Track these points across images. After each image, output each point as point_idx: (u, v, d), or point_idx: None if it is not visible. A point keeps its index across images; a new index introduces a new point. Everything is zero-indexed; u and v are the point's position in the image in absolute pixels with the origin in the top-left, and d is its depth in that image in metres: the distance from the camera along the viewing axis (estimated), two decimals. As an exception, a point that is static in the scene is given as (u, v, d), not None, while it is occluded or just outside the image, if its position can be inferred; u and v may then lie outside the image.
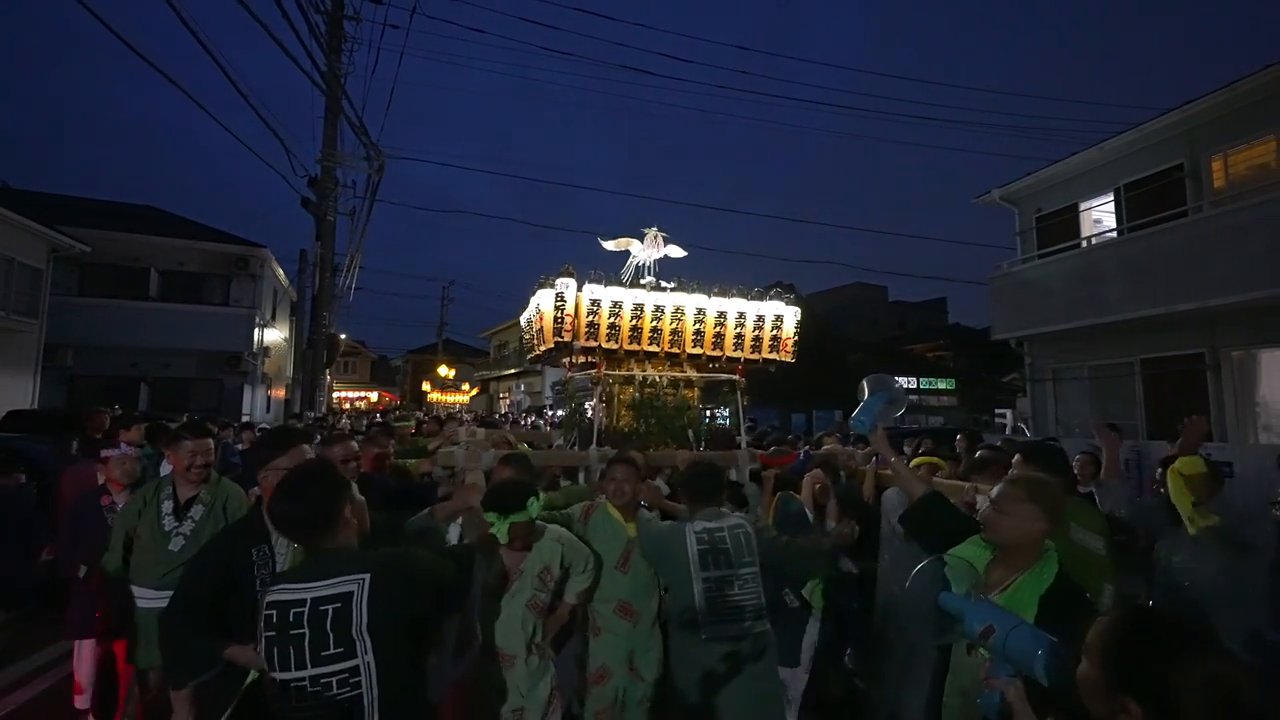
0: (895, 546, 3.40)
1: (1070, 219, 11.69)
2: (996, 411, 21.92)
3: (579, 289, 4.16)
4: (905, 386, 26.33)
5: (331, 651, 1.55)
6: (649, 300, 4.30)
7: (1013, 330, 12.17)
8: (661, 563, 2.78)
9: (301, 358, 12.87)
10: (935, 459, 4.13)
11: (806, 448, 4.98)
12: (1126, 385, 10.61)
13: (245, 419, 15.06)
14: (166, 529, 2.84)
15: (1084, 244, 11.19)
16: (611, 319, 4.17)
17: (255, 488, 2.85)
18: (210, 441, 3.00)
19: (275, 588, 1.65)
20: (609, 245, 4.70)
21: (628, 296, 4.24)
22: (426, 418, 9.75)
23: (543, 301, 4.28)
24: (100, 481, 3.70)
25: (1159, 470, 3.63)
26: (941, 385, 25.54)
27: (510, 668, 2.48)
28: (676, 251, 4.79)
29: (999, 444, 5.49)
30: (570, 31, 13.74)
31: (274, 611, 1.58)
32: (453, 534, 2.64)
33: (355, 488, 1.87)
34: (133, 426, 5.74)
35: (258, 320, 17.70)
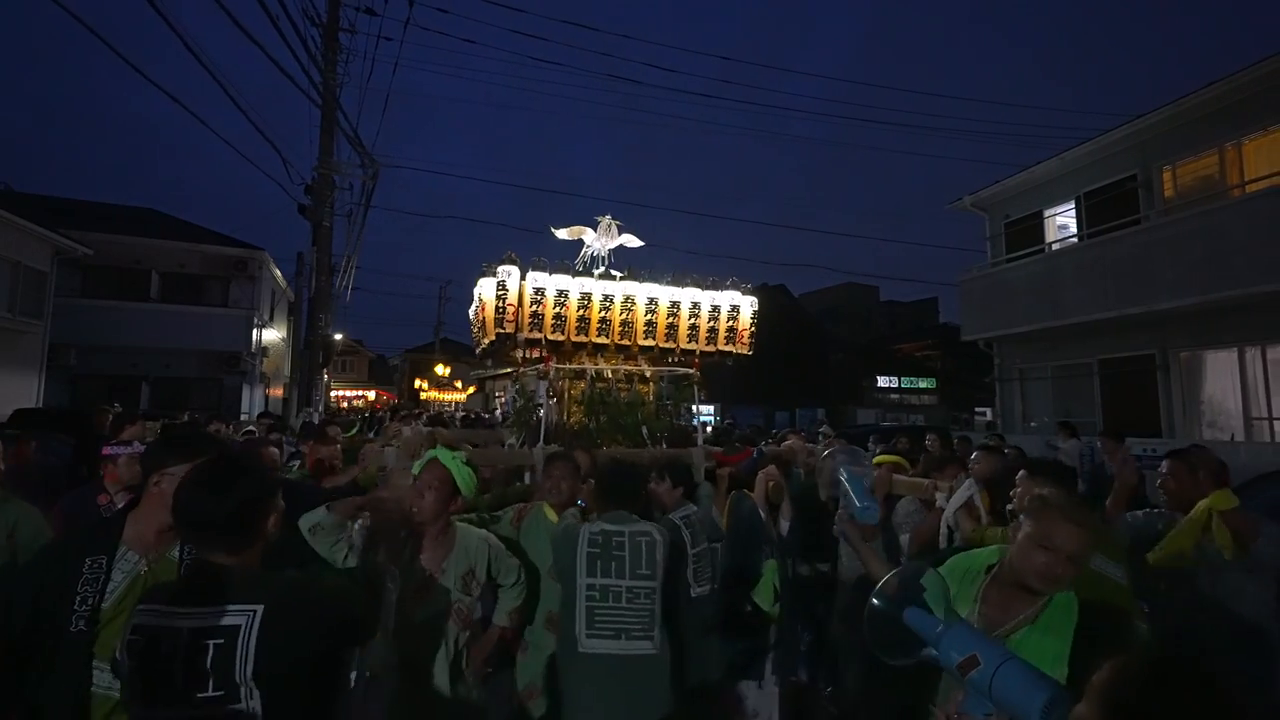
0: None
1: (1036, 225, 12.21)
2: (976, 410, 22.46)
3: (522, 277, 3.92)
4: (888, 385, 26.89)
5: (210, 694, 1.30)
6: (597, 289, 4.07)
7: (981, 331, 12.67)
8: (557, 562, 2.52)
9: (299, 358, 13.32)
10: (898, 458, 3.98)
11: (763, 443, 4.92)
12: (1086, 384, 11.13)
13: (245, 416, 15.52)
14: None
15: (1047, 249, 11.72)
16: (557, 309, 3.93)
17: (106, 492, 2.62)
18: None
19: (145, 606, 1.38)
20: (561, 233, 4.54)
21: (574, 285, 4.00)
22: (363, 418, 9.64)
23: (485, 290, 4.02)
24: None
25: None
26: (923, 384, 26.09)
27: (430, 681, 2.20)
28: (632, 241, 4.66)
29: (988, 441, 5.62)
30: (559, 43, 14.20)
31: (139, 637, 1.32)
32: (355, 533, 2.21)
33: (279, 497, 1.61)
34: (136, 423, 6.04)
35: (256, 321, 18.13)
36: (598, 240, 4.46)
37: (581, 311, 4.00)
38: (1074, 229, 11.64)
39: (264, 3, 8.71)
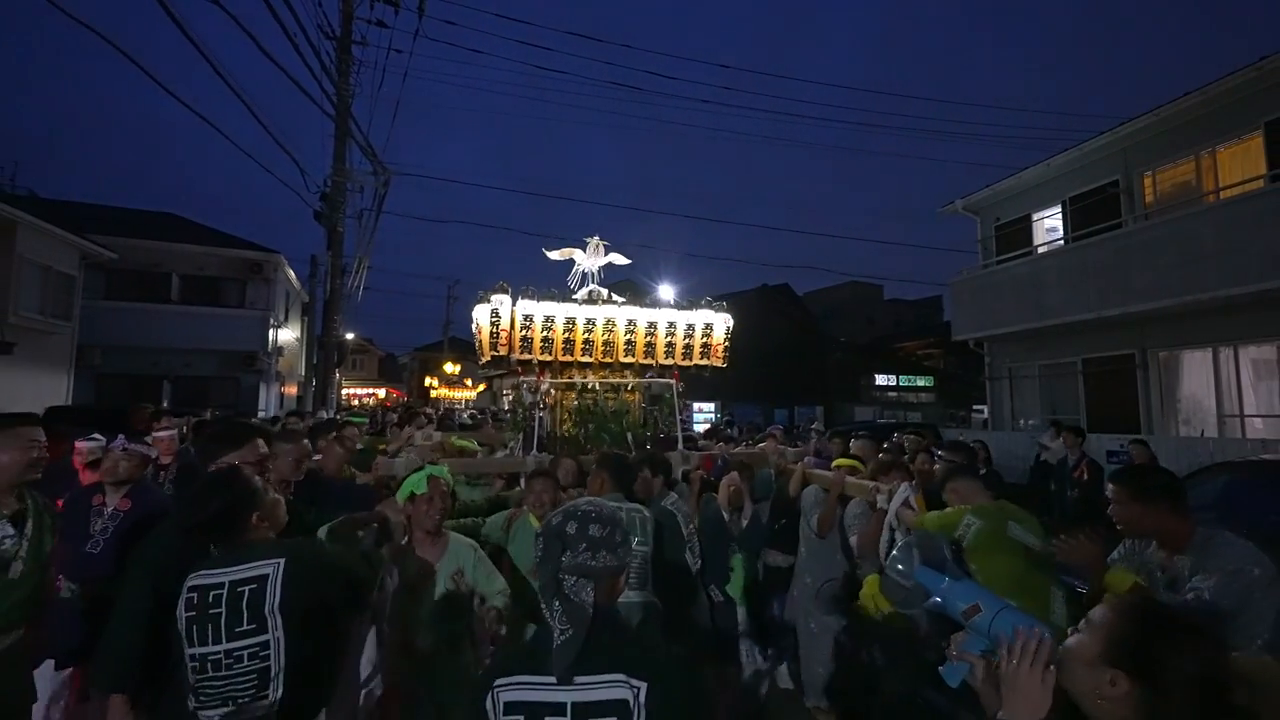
0: (811, 541, 3.94)
1: (1024, 228, 12.57)
2: (974, 408, 22.79)
3: (513, 304, 4.26)
4: (886, 383, 27.18)
5: (245, 628, 1.72)
6: (580, 314, 4.42)
7: (972, 331, 13.05)
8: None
9: (312, 356, 13.89)
10: (854, 461, 4.21)
11: (723, 456, 5.45)
12: (1070, 382, 11.51)
13: (262, 413, 16.13)
14: (5, 550, 2.24)
15: (1033, 252, 12.09)
16: (545, 333, 4.29)
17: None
18: (42, 430, 2.43)
19: (196, 574, 1.79)
20: (553, 255, 4.85)
21: (560, 311, 4.34)
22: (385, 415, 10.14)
23: (480, 317, 4.35)
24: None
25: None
26: (921, 383, 26.41)
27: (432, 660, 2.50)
28: (619, 259, 4.98)
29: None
30: (564, 52, 14.68)
31: (194, 594, 1.75)
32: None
33: (267, 492, 1.98)
34: (162, 418, 6.43)
35: (272, 321, 18.73)
36: (587, 260, 4.81)
37: (567, 334, 4.39)
38: (1061, 232, 12.00)
39: (281, 21, 9.26)
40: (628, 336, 4.58)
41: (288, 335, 21.28)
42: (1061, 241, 11.73)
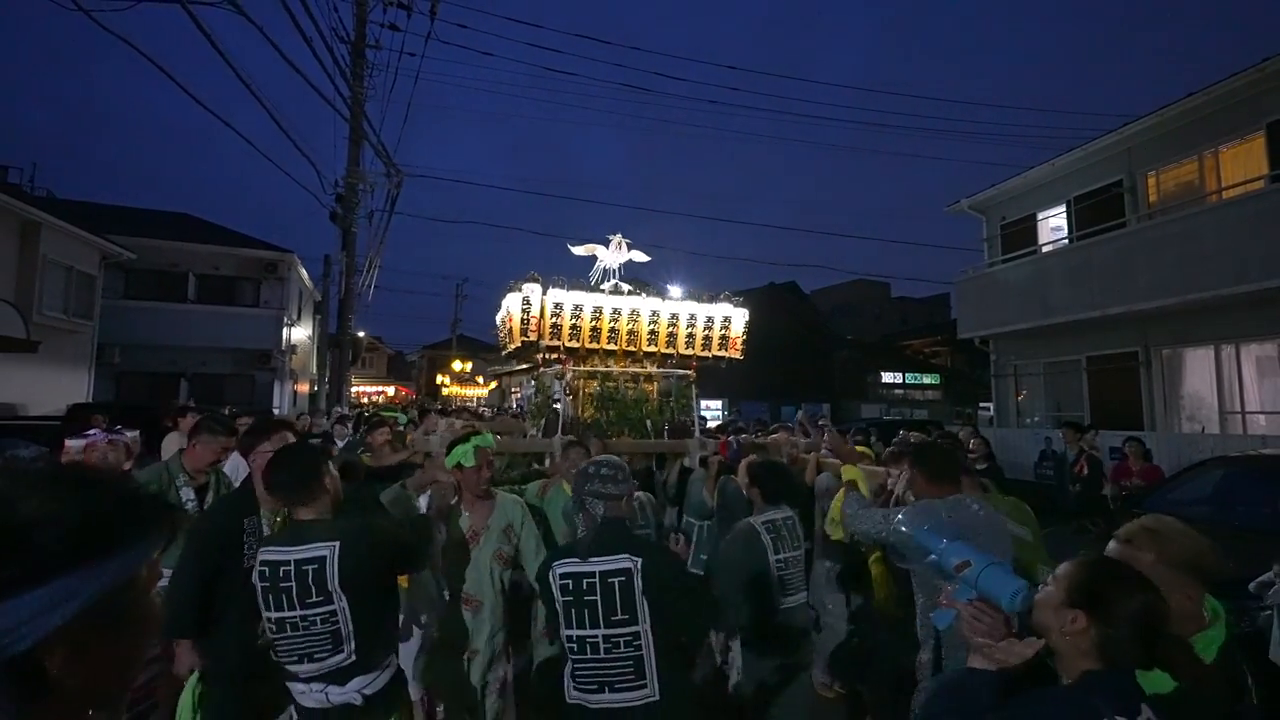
0: (823, 528, 4.11)
1: (1030, 227, 12.68)
2: (981, 405, 22.88)
3: (544, 293, 4.52)
4: (893, 381, 27.29)
5: (314, 599, 1.98)
6: (607, 303, 4.66)
7: (978, 329, 13.18)
8: (748, 566, 2.96)
9: (325, 355, 14.13)
10: (864, 448, 4.35)
11: (736, 439, 5.71)
12: (1075, 380, 11.63)
13: (276, 409, 16.41)
14: (190, 514, 3.01)
15: (1038, 251, 12.21)
16: (573, 320, 4.56)
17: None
18: (235, 442, 3.20)
19: (265, 549, 2.05)
20: (577, 250, 5.08)
21: (588, 300, 4.59)
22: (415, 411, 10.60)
23: (511, 304, 4.61)
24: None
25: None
26: (927, 380, 26.49)
27: (478, 613, 2.76)
28: (640, 256, 5.20)
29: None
30: (574, 54, 14.85)
31: (266, 568, 2.01)
32: (422, 503, 2.90)
33: (332, 466, 2.28)
34: (186, 415, 6.70)
35: (286, 320, 19.02)
36: (610, 255, 5.02)
37: (594, 323, 4.63)
38: (1066, 231, 12.11)
39: (300, 25, 9.50)
40: (650, 326, 4.78)
41: (300, 334, 21.57)
42: (1066, 241, 11.84)
